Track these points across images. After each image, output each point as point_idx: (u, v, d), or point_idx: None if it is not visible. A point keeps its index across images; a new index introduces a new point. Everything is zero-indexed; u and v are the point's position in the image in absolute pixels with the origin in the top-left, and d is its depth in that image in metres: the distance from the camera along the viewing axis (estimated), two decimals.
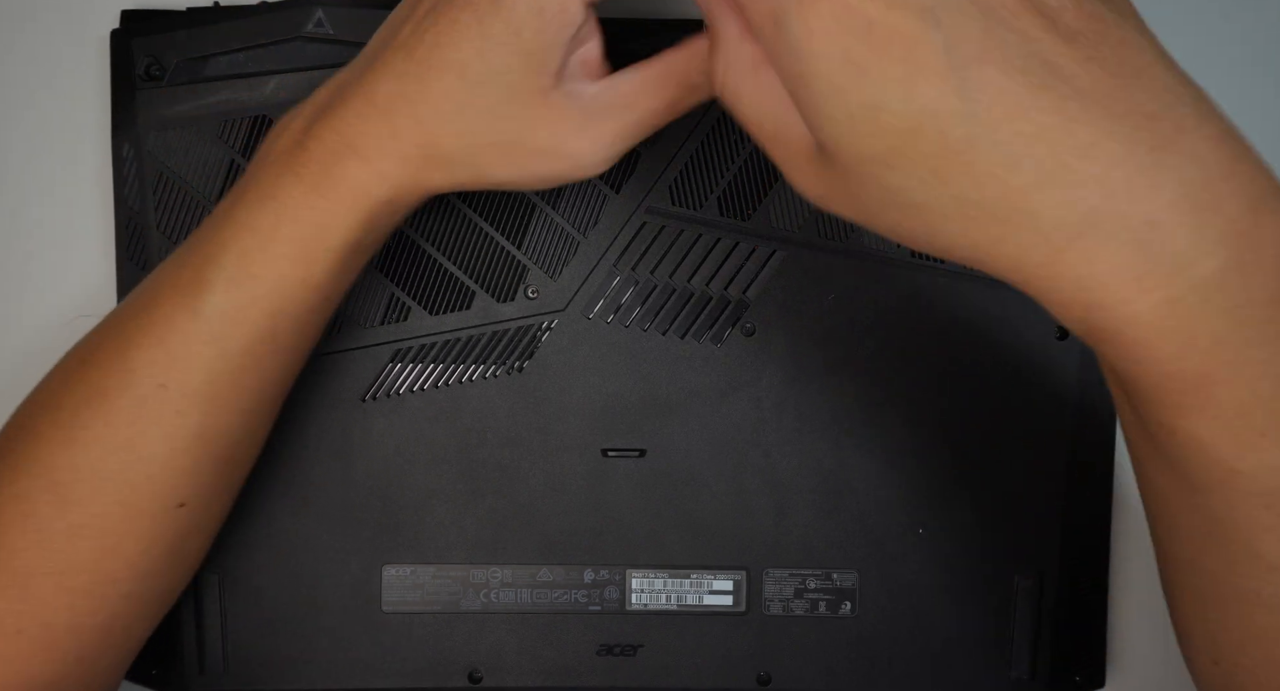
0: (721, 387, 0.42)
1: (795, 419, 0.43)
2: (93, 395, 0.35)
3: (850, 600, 0.43)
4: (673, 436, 0.43)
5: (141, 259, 0.42)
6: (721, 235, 0.42)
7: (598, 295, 0.42)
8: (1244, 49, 0.46)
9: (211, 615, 0.42)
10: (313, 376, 0.42)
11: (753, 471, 0.43)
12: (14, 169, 0.44)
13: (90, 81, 0.44)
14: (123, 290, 0.42)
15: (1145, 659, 0.45)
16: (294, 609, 0.42)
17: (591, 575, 0.43)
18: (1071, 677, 0.44)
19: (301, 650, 0.42)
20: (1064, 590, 0.43)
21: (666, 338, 0.42)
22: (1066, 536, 0.43)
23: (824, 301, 0.43)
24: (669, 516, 0.43)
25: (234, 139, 0.41)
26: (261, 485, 0.42)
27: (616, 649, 0.43)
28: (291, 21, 0.41)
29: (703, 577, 0.43)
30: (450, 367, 0.42)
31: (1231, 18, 0.46)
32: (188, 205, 0.41)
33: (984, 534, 0.43)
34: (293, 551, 0.42)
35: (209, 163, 0.41)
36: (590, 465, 0.43)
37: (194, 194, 0.41)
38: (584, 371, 0.42)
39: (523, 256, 0.42)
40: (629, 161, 0.42)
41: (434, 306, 0.42)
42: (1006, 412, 0.43)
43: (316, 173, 0.34)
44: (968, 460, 0.43)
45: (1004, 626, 0.43)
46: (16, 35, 0.44)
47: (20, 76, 0.44)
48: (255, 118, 0.41)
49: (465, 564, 0.43)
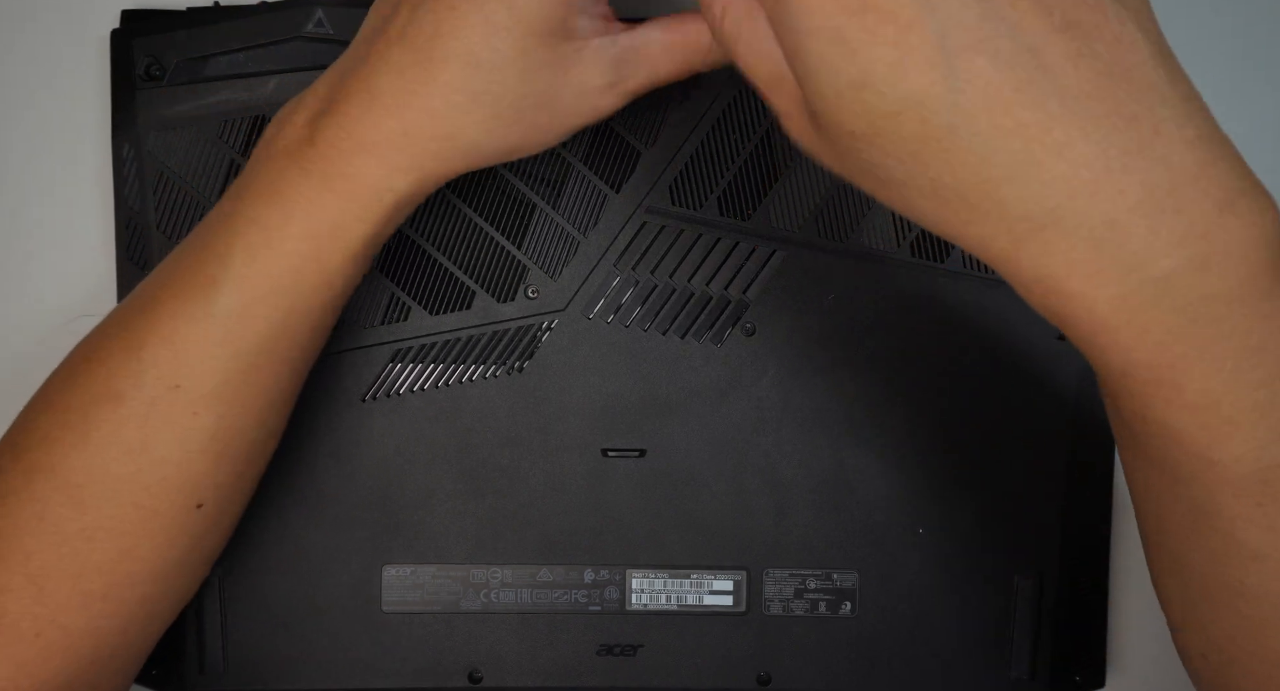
0: (721, 387, 0.42)
1: (795, 419, 0.43)
2: (103, 396, 0.35)
3: (850, 600, 0.43)
4: (673, 436, 0.43)
5: (142, 259, 0.42)
6: (721, 235, 0.42)
7: (598, 295, 0.42)
8: (1243, 46, 0.46)
9: (211, 615, 0.42)
10: (313, 376, 0.42)
11: (753, 471, 0.43)
12: (14, 169, 0.44)
13: (90, 81, 0.44)
14: (123, 290, 0.42)
15: (1145, 659, 0.45)
16: (294, 609, 0.42)
17: (591, 575, 0.43)
18: (1071, 677, 0.44)
19: (301, 650, 0.42)
20: (1064, 590, 0.43)
21: (666, 338, 0.42)
22: (1066, 536, 0.43)
23: (824, 301, 0.43)
24: (669, 516, 0.43)
25: (234, 139, 0.41)
26: (262, 485, 0.42)
27: (616, 649, 0.43)
28: (291, 21, 0.41)
29: (703, 577, 0.43)
30: (450, 367, 0.42)
31: (1225, 13, 0.46)
32: (188, 205, 0.41)
33: (984, 534, 0.43)
34: (293, 551, 0.42)
35: (209, 163, 0.41)
36: (590, 465, 0.43)
37: (194, 194, 0.41)
38: (584, 371, 0.42)
39: (523, 256, 0.42)
40: (629, 161, 0.42)
41: (434, 306, 0.42)
42: (1006, 412, 0.43)
43: (326, 170, 0.34)
44: (968, 460, 0.43)
45: (1004, 626, 0.43)
46: (16, 35, 0.44)
47: (20, 76, 0.44)
48: (255, 118, 0.41)
49: (465, 564, 0.43)
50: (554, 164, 0.42)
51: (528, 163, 0.42)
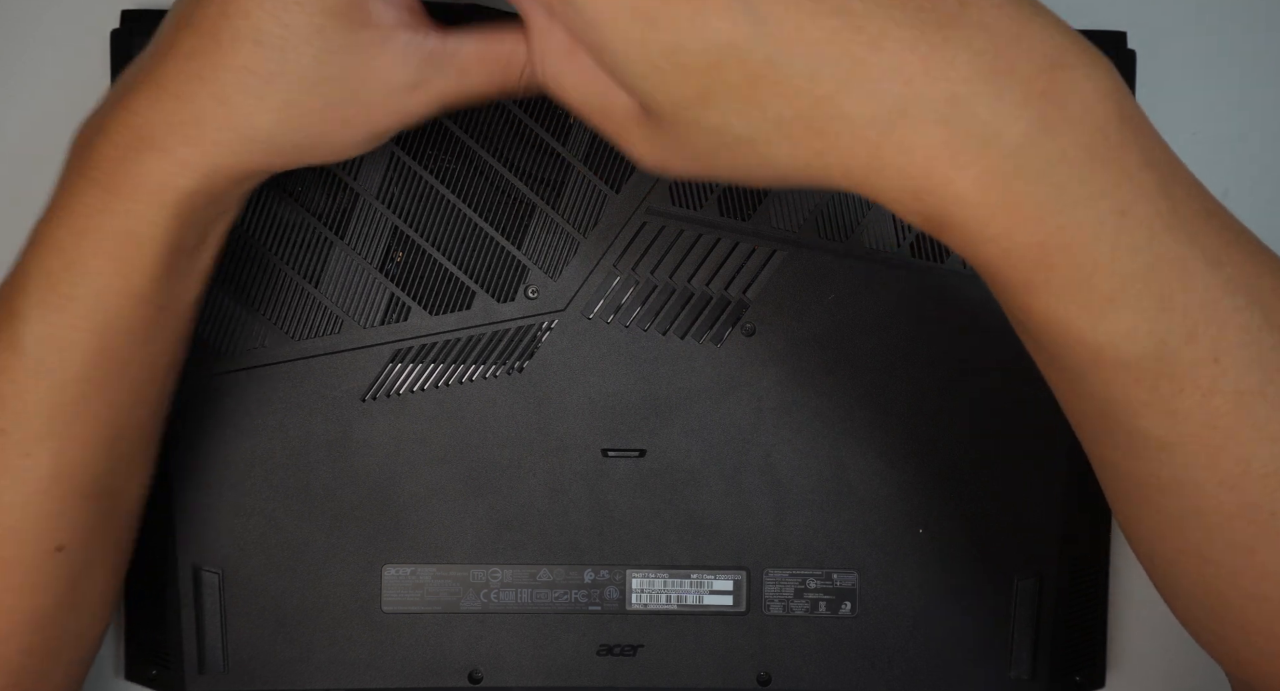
0: (721, 387, 0.42)
1: (795, 419, 0.43)
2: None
3: (850, 600, 0.43)
4: (673, 436, 0.43)
5: None
6: (721, 235, 0.42)
7: (598, 295, 0.42)
8: (1244, 45, 0.46)
9: (211, 615, 0.42)
10: (313, 376, 0.42)
11: (753, 471, 0.43)
12: (14, 169, 0.44)
13: (90, 81, 0.44)
14: None
15: (1145, 659, 0.45)
16: (294, 609, 0.42)
17: (591, 575, 0.43)
18: (1071, 677, 0.44)
19: (301, 650, 0.42)
20: (1064, 590, 0.43)
21: (666, 338, 0.42)
22: (1066, 536, 0.43)
23: (824, 301, 0.43)
24: (669, 516, 0.43)
25: None
26: (261, 485, 0.42)
27: (616, 649, 0.43)
28: None
29: (703, 577, 0.43)
30: (450, 367, 0.42)
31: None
32: None
33: (984, 534, 0.43)
34: (293, 551, 0.42)
35: None
36: (590, 465, 0.43)
37: None
38: (584, 371, 0.42)
39: (523, 256, 0.42)
40: (629, 161, 0.42)
41: (434, 306, 0.42)
42: (1006, 412, 0.43)
43: (110, 172, 0.31)
44: (968, 460, 0.43)
45: (1004, 626, 0.43)
46: (17, 35, 0.44)
47: (21, 76, 0.44)
48: None
49: (465, 564, 0.43)
50: (554, 164, 0.42)
51: (528, 163, 0.42)
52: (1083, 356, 0.28)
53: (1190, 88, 0.46)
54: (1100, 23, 0.43)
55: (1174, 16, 0.45)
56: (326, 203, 0.42)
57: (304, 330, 0.42)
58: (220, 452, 0.42)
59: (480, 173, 0.42)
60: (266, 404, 0.42)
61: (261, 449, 0.42)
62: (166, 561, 0.42)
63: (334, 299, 0.42)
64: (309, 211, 0.42)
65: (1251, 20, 0.46)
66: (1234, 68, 0.46)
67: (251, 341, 0.42)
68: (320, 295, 0.42)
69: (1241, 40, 0.46)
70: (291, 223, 0.42)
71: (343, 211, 0.42)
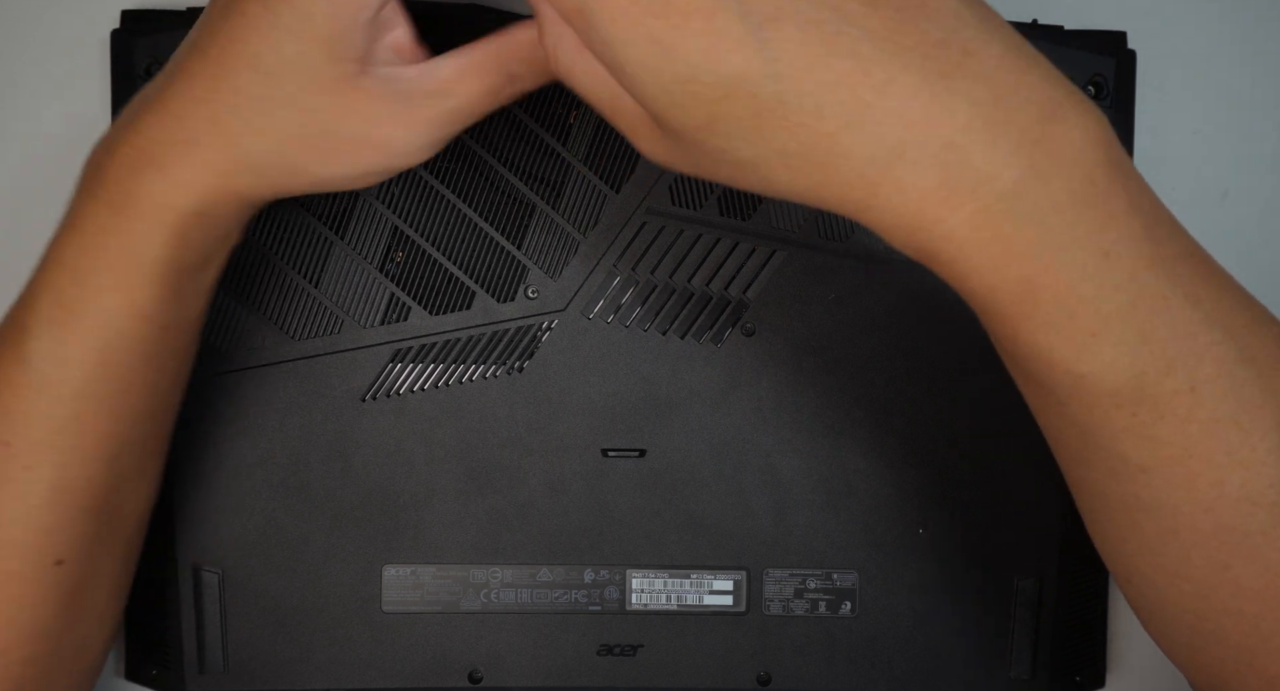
0: (721, 387, 0.42)
1: (795, 419, 0.43)
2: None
3: (850, 600, 0.43)
4: (673, 436, 0.43)
5: None
6: (721, 235, 0.42)
7: (598, 295, 0.42)
8: (1243, 45, 0.46)
9: (211, 615, 0.42)
10: (313, 376, 0.42)
11: (753, 471, 0.43)
12: (14, 169, 0.44)
13: (90, 81, 0.44)
14: None
15: (1145, 659, 0.45)
16: (294, 609, 0.42)
17: (591, 575, 0.43)
18: (1071, 677, 0.44)
19: (301, 650, 0.42)
20: (1064, 590, 0.43)
21: (666, 338, 0.42)
22: (1066, 537, 0.43)
23: (824, 301, 0.43)
24: (669, 516, 0.43)
25: None
26: (261, 485, 0.42)
27: (616, 649, 0.43)
28: None
29: (703, 577, 0.43)
30: (450, 367, 0.42)
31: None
32: None
33: (984, 534, 0.43)
34: (293, 551, 0.42)
35: None
36: (590, 465, 0.43)
37: None
38: (584, 371, 0.42)
39: (523, 256, 0.42)
40: (629, 161, 0.42)
41: (434, 306, 0.42)
42: (1006, 413, 0.43)
43: (113, 191, 0.32)
44: (968, 460, 0.43)
45: (1004, 626, 0.43)
46: (17, 35, 0.44)
47: (21, 76, 0.44)
48: None
49: (465, 564, 0.43)
50: (554, 164, 0.42)
51: (528, 163, 0.42)
52: (1065, 384, 0.29)
53: (1190, 88, 0.46)
54: (1100, 23, 0.43)
55: (1174, 16, 0.45)
56: (326, 202, 0.42)
57: (304, 330, 0.42)
58: (220, 452, 0.42)
59: (480, 173, 0.42)
60: (266, 404, 0.42)
61: (261, 449, 0.42)
62: (166, 561, 0.42)
63: (334, 299, 0.42)
64: (309, 211, 0.42)
65: (1251, 20, 0.46)
66: (1234, 68, 0.46)
67: (251, 341, 0.42)
68: (320, 295, 0.42)
69: (1241, 40, 0.46)
70: (291, 222, 0.42)
71: (343, 211, 0.42)
